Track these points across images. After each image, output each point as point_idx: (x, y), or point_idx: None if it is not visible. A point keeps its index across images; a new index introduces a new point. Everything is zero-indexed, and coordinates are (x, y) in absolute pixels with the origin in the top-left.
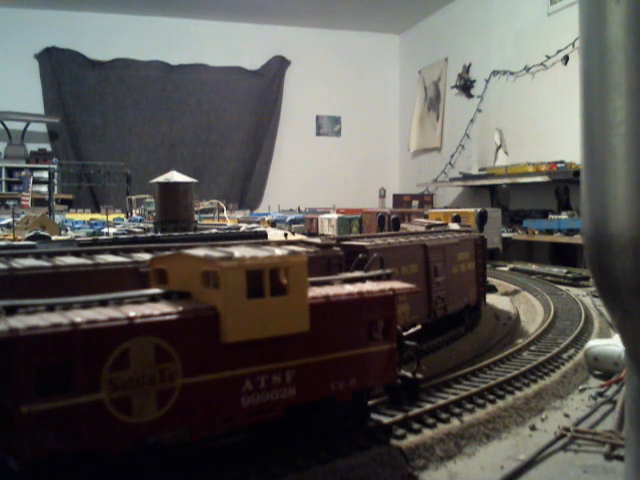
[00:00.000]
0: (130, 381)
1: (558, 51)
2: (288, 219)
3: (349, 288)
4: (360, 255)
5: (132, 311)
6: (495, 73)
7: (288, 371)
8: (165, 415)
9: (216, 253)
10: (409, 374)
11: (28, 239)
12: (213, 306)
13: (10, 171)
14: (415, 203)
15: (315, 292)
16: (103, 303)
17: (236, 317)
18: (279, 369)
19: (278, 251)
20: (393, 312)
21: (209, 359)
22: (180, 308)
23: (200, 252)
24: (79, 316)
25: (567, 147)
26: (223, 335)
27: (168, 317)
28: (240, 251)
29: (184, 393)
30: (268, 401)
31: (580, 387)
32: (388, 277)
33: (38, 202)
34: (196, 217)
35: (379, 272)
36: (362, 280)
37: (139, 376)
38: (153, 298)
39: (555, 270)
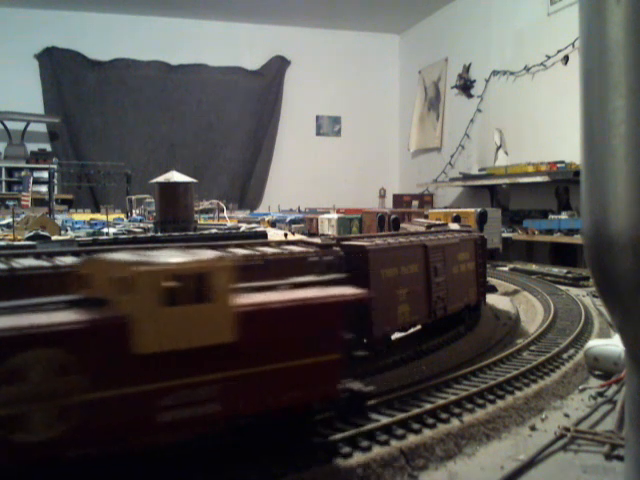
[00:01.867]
0: (25, 396)
1: (558, 51)
2: (288, 219)
3: (292, 294)
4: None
5: (37, 319)
6: (495, 73)
7: (214, 385)
8: (68, 432)
9: (134, 257)
10: (356, 387)
11: (28, 239)
12: (127, 314)
13: (10, 171)
14: (415, 203)
15: (251, 298)
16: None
17: (152, 326)
18: (204, 382)
19: (205, 256)
20: (339, 320)
21: (120, 372)
22: (89, 316)
23: (120, 256)
24: None
25: (567, 147)
26: (137, 346)
27: (73, 326)
28: (164, 255)
29: (90, 408)
30: (191, 417)
31: (580, 387)
32: (344, 282)
33: (38, 202)
34: (200, 217)
35: (334, 276)
36: (314, 285)
37: (37, 391)
38: (68, 304)
39: (555, 270)
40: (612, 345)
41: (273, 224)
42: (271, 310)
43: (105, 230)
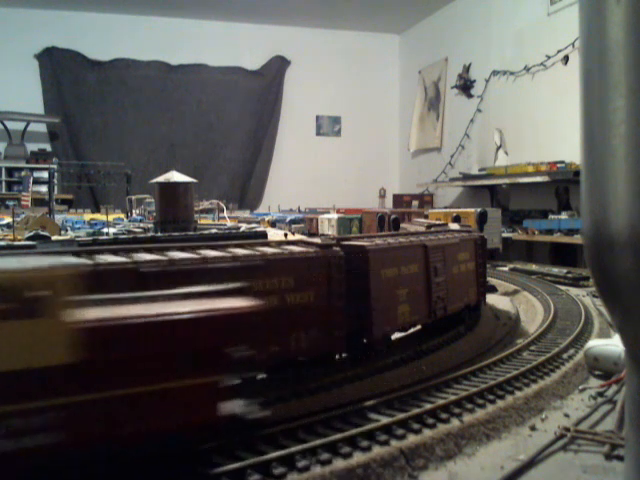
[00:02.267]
0: None
1: (558, 51)
2: (288, 219)
3: (159, 307)
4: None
5: None
6: (495, 73)
7: (51, 412)
8: None
9: None
10: (242, 413)
11: (28, 239)
12: None
13: (10, 171)
14: (415, 203)
15: (103, 313)
16: None
17: None
18: (37, 410)
19: (42, 263)
20: (221, 337)
21: None
22: None
23: None
24: None
25: (567, 147)
26: None
27: None
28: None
29: None
30: (22, 448)
31: (580, 387)
32: (237, 293)
33: (38, 202)
34: (202, 217)
35: (225, 287)
36: (206, 295)
37: None
38: None
39: (555, 270)
40: (612, 345)
41: (273, 224)
42: (126, 326)
43: (105, 230)
